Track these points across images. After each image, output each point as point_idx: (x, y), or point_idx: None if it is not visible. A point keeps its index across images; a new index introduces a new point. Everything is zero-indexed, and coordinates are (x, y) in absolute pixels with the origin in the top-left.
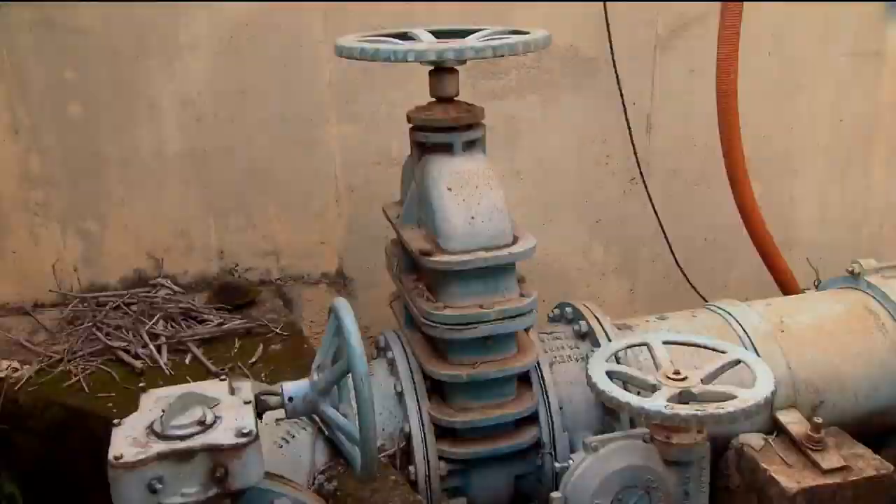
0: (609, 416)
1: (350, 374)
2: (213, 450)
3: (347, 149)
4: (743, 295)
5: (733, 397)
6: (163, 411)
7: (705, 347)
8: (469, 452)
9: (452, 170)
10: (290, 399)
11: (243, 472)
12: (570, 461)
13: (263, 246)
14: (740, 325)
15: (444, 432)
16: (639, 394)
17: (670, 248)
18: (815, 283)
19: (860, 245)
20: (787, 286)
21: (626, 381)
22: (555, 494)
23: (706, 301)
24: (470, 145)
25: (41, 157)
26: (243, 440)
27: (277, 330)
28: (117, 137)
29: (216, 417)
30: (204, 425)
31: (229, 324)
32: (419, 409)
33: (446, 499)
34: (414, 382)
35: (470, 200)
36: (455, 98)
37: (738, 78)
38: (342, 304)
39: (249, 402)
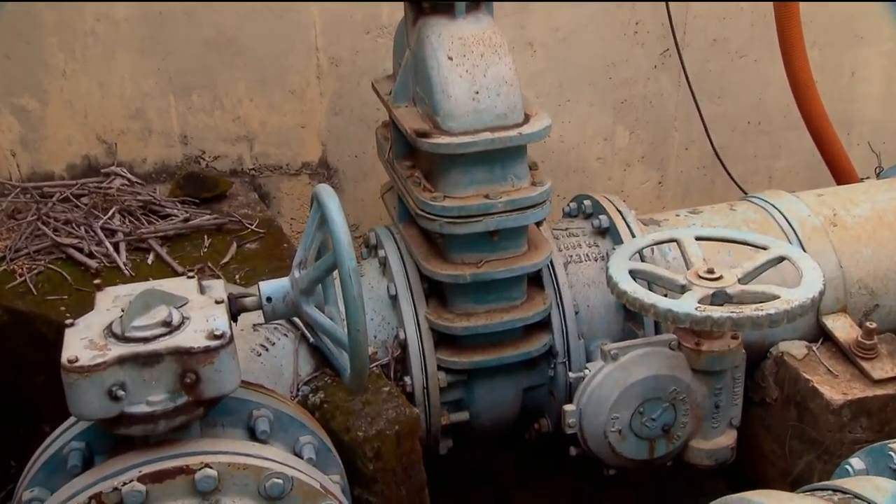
0: (631, 321)
1: (336, 271)
2: (182, 353)
3: (330, 14)
4: (791, 186)
5: (775, 298)
6: (122, 311)
7: (744, 243)
8: (472, 362)
9: (454, 35)
10: (269, 299)
11: (216, 379)
12: (586, 371)
13: (234, 130)
14: (786, 218)
15: (444, 340)
16: (666, 295)
17: (707, 132)
18: (876, 171)
19: None
20: (842, 174)
21: (651, 282)
22: (568, 407)
23: (747, 194)
24: (474, 6)
25: None
26: (216, 343)
27: (252, 227)
28: None
29: (184, 318)
30: (170, 326)
31: (196, 219)
32: (415, 313)
33: (446, 413)
34: (409, 284)
35: (474, 72)
36: None
37: None
38: (325, 190)
39: (221, 301)
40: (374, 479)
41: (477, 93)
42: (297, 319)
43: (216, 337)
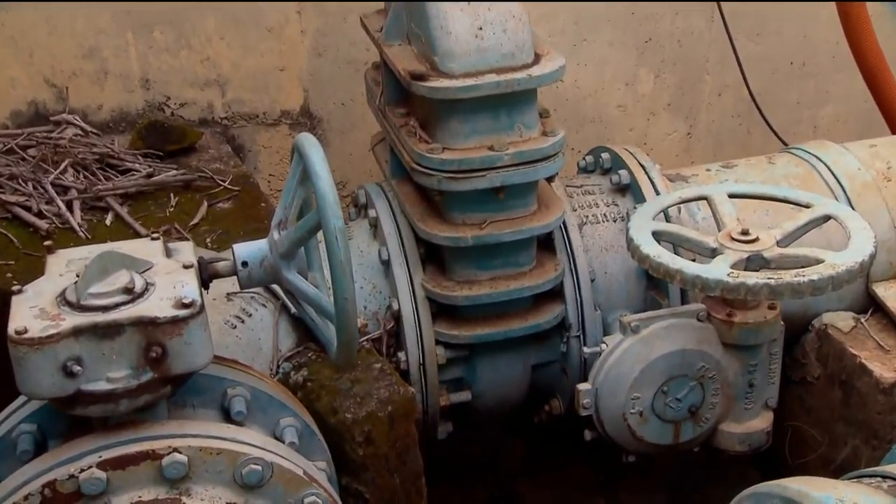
0: (654, 289)
1: (321, 231)
2: (146, 324)
3: None
4: (838, 137)
5: (818, 262)
6: (77, 276)
7: (784, 201)
8: (474, 336)
9: None
10: (244, 264)
11: (185, 353)
12: (603, 346)
13: (202, 73)
14: (832, 172)
15: (443, 311)
16: (694, 260)
17: (743, 75)
18: None
19: None
20: None
21: (677, 245)
22: (583, 386)
23: (788, 146)
24: None
25: None
26: (184, 312)
27: (225, 184)
28: None
29: (147, 284)
30: (132, 294)
31: (161, 175)
32: (410, 281)
33: (446, 393)
34: (404, 248)
35: (477, 5)
36: None
37: None
38: (308, 140)
39: (191, 266)
40: (364, 466)
41: (480, 28)
42: (276, 287)
43: (185, 305)
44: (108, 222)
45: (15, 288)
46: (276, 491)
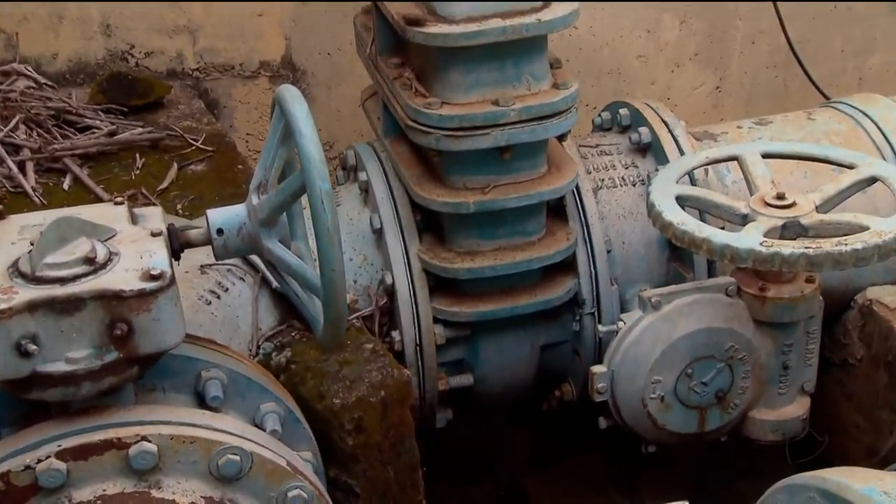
0: (678, 261)
1: (305, 195)
2: (110, 298)
3: None
4: (887, 90)
5: (863, 229)
6: (32, 245)
7: (825, 161)
8: (477, 313)
9: None
10: (220, 232)
11: (154, 331)
12: (621, 324)
13: (171, 18)
14: (880, 129)
15: (442, 285)
16: (723, 228)
17: (780, 20)
18: None
19: None
20: None
21: (704, 211)
22: (597, 369)
23: (830, 100)
24: None
25: None
26: (152, 285)
27: (197, 143)
28: None
29: (111, 254)
30: (94, 264)
31: (125, 133)
32: (406, 252)
33: (445, 377)
34: (398, 215)
35: None
36: None
37: None
38: (290, 92)
39: (159, 233)
40: (355, 457)
41: None
42: (256, 258)
43: (153, 277)
44: (65, 186)
45: None
46: (257, 484)
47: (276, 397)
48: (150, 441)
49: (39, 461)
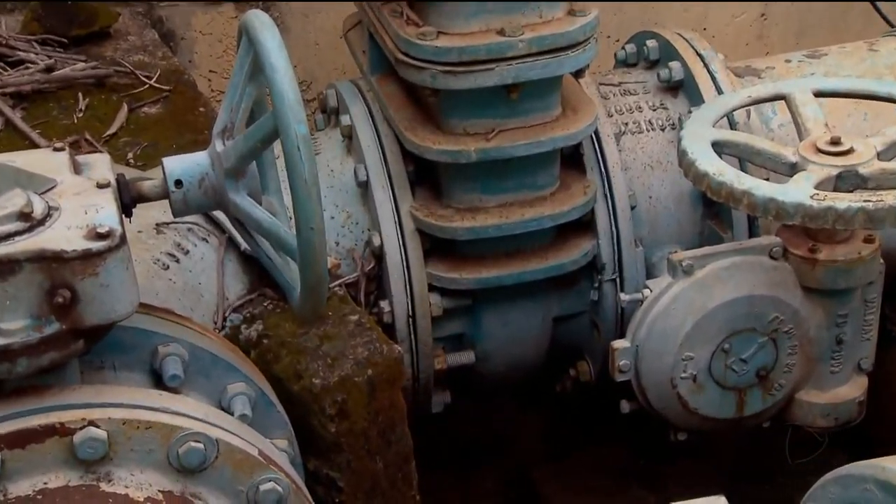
0: (713, 219)
1: (278, 140)
2: (49, 259)
3: None
4: None
5: None
6: None
7: (889, 100)
8: (479, 279)
9: None
10: (178, 184)
11: (102, 298)
12: (647, 292)
13: None
14: None
15: (439, 247)
16: (768, 179)
17: None
18: None
19: None
20: None
21: (745, 159)
22: (619, 343)
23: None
24: None
25: None
26: (99, 245)
27: (151, 81)
28: None
29: (50, 209)
30: (30, 220)
31: (65, 69)
32: (396, 209)
33: (442, 354)
34: (387, 165)
35: None
36: None
37: None
38: (259, 19)
39: (107, 185)
40: (338, 446)
41: None
42: (221, 215)
43: (100, 236)
44: None
45: None
46: (223, 475)
47: (246, 377)
48: (98, 426)
49: None
